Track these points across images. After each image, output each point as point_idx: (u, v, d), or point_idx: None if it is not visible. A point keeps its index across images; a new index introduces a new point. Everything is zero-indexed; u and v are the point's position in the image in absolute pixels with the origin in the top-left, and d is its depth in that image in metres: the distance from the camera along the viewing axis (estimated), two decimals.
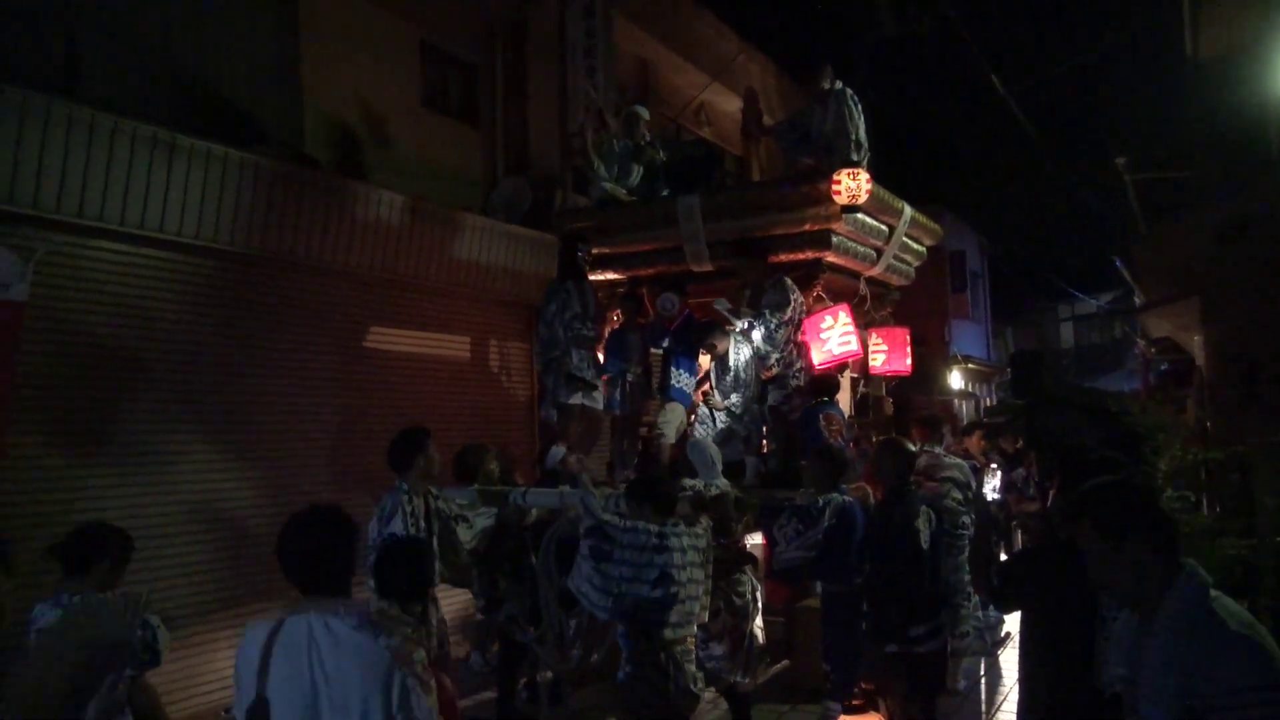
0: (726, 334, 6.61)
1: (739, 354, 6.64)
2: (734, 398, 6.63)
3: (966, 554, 5.82)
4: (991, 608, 6.66)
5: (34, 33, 5.69)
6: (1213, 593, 2.17)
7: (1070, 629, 3.05)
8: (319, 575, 2.43)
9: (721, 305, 6.42)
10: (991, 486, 6.96)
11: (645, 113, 7.78)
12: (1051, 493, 3.57)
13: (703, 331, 6.72)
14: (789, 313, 6.30)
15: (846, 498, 5.12)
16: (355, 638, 2.32)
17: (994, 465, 7.44)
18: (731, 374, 6.62)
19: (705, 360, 6.90)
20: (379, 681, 2.30)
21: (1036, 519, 5.66)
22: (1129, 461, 3.51)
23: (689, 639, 4.23)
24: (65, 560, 3.59)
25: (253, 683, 2.33)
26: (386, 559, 3.54)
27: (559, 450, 6.46)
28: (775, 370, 6.41)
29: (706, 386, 6.96)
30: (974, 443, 8.17)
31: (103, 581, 3.56)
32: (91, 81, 5.86)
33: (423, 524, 4.62)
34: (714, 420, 6.71)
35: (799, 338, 6.51)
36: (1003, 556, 6.76)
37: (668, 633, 4.08)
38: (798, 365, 6.49)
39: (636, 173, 7.50)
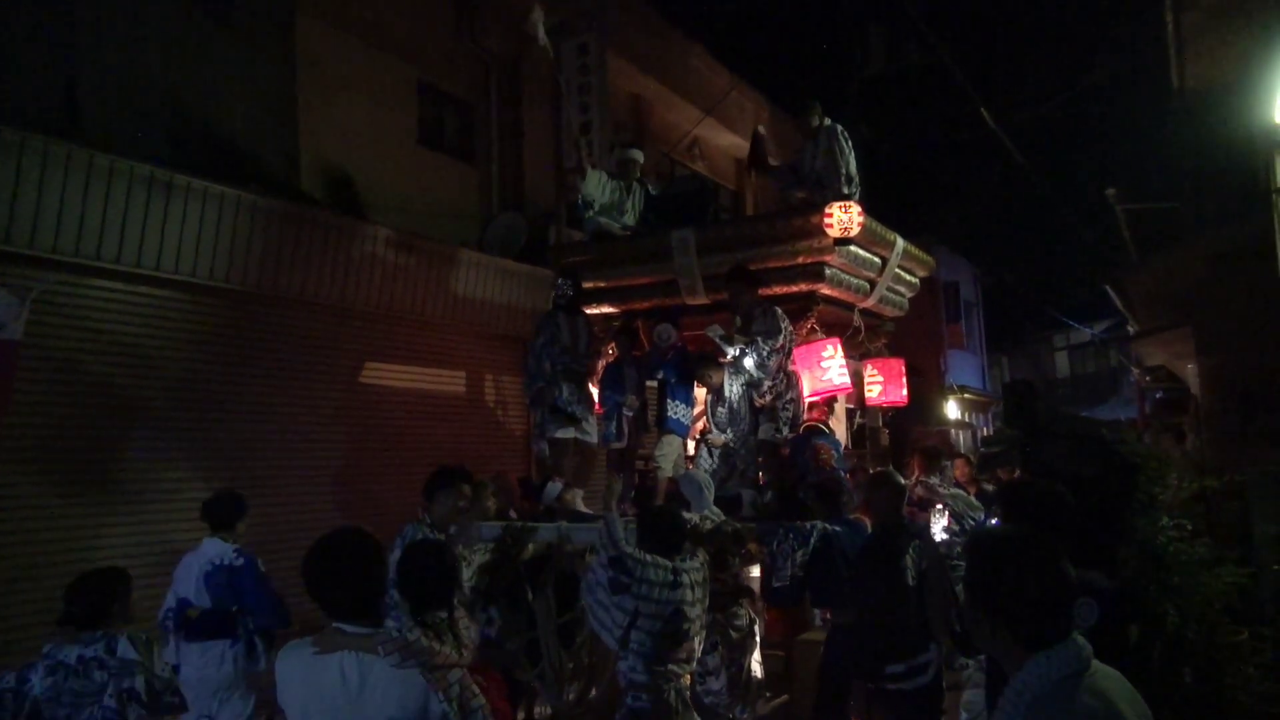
0: (720, 366, 6.62)
1: (733, 388, 6.64)
2: (730, 432, 6.63)
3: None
4: None
5: (33, 74, 5.76)
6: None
7: None
8: (347, 599, 2.40)
9: (714, 332, 6.43)
10: (939, 525, 6.85)
11: (640, 156, 7.82)
12: None
13: (696, 365, 6.73)
14: (780, 340, 6.31)
15: (833, 527, 5.11)
16: (388, 671, 2.33)
17: (939, 505, 7.34)
18: (726, 407, 6.62)
19: (702, 394, 6.90)
20: (417, 712, 2.31)
21: None
22: (1096, 498, 3.49)
23: (688, 676, 4.20)
24: (75, 612, 3.55)
25: None
26: (410, 561, 3.36)
27: (555, 486, 6.44)
28: (767, 399, 6.41)
29: (704, 424, 6.95)
30: (959, 471, 8.15)
31: (121, 621, 3.55)
32: (90, 121, 5.92)
33: None
34: (711, 456, 6.70)
35: (789, 367, 6.51)
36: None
37: (674, 669, 4.06)
38: (788, 396, 6.48)
39: (631, 212, 7.53)
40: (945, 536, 6.77)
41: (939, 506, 6.83)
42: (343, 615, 2.39)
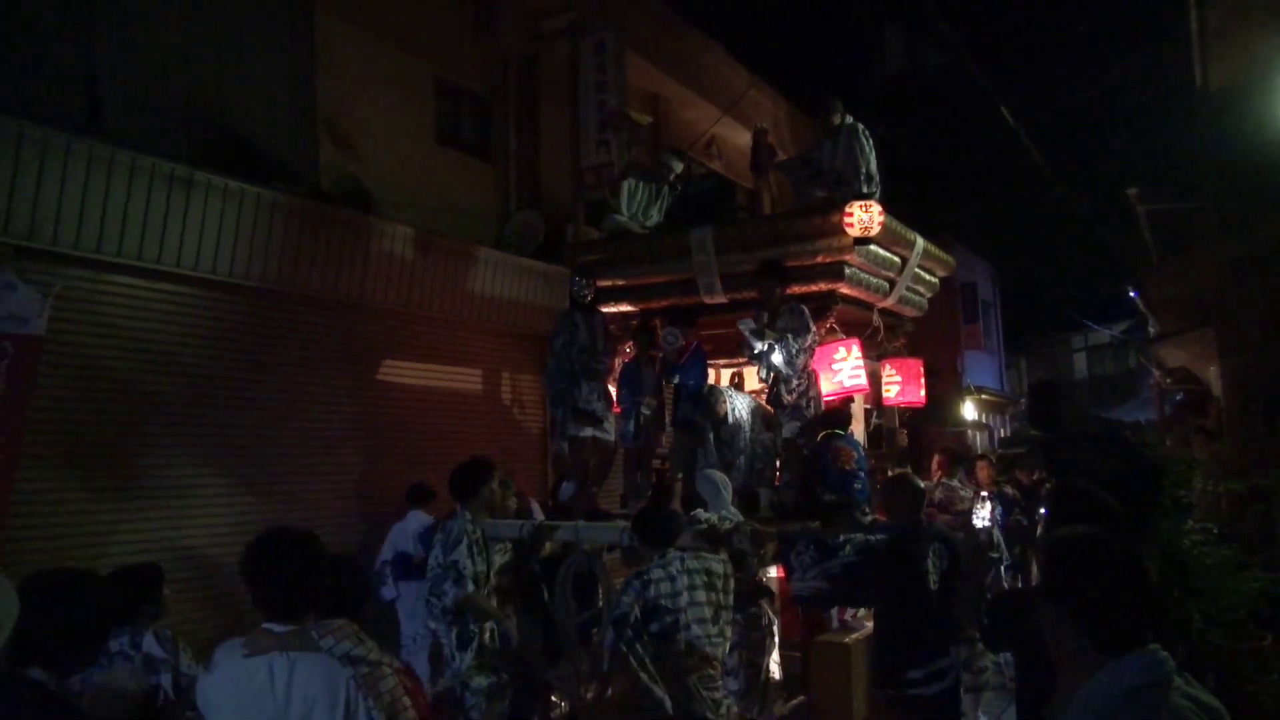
0: (721, 396, 6.59)
1: (736, 405, 6.62)
2: (737, 443, 6.60)
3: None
4: None
5: (56, 71, 5.79)
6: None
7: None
8: (286, 598, 2.34)
9: (746, 325, 6.38)
10: (981, 517, 6.88)
11: (680, 166, 7.78)
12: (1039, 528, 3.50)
13: (699, 400, 6.70)
14: (808, 339, 6.29)
15: (874, 536, 5.05)
16: (317, 669, 2.26)
17: (984, 494, 7.39)
18: (732, 422, 6.59)
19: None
20: (345, 712, 2.24)
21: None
22: (1120, 501, 3.43)
23: (709, 665, 4.13)
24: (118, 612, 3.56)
25: None
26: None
27: (570, 486, 6.44)
28: (793, 396, 6.37)
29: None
30: (982, 473, 8.11)
31: (154, 618, 3.58)
32: (111, 119, 5.95)
33: (481, 554, 4.65)
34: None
35: (811, 366, 6.49)
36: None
37: (676, 663, 4.02)
38: (810, 394, 6.45)
39: (656, 214, 7.53)
40: (987, 524, 6.79)
41: (984, 495, 6.84)
42: (277, 614, 2.33)
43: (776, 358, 6.28)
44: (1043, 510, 6.73)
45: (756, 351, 6.35)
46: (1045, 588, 1.93)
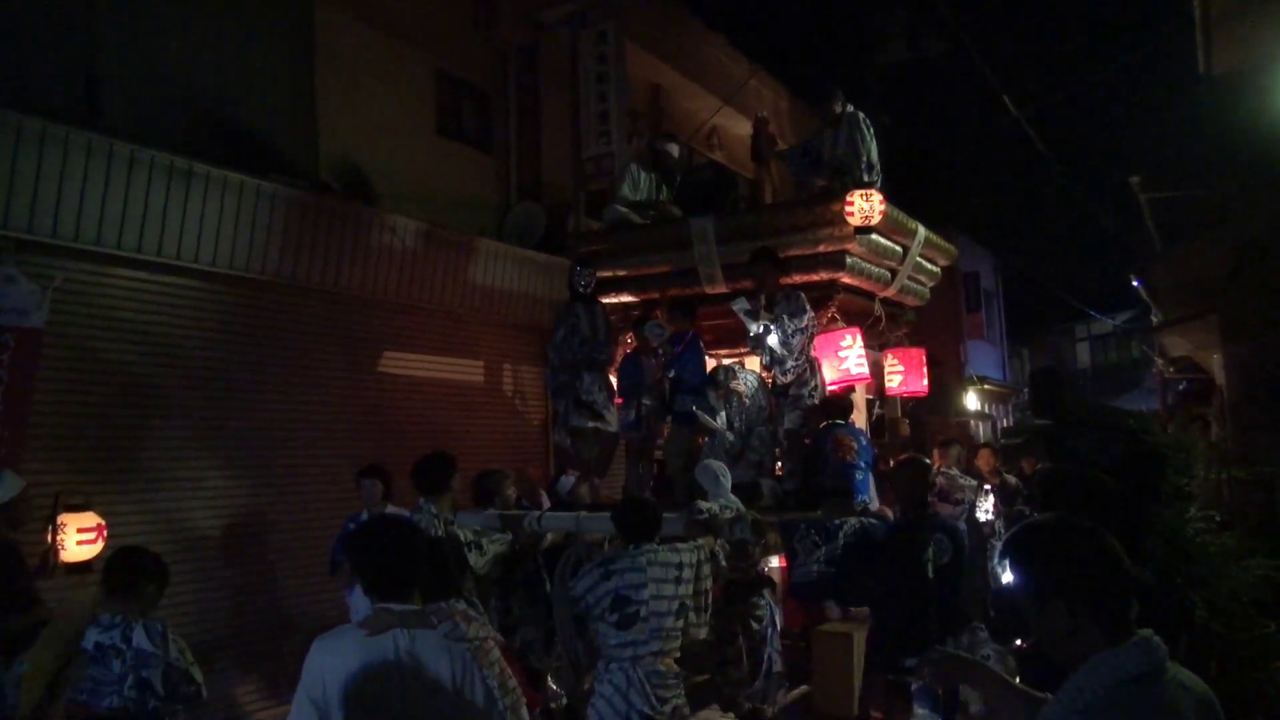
0: (736, 373, 6.57)
1: (746, 381, 6.60)
2: (741, 420, 6.59)
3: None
4: None
5: (54, 63, 5.77)
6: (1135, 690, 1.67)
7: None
8: (398, 578, 2.52)
9: (740, 305, 6.36)
10: (984, 509, 6.87)
11: (676, 150, 7.75)
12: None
13: (717, 371, 6.68)
14: (804, 321, 6.26)
15: (869, 520, 5.05)
16: (439, 644, 2.42)
17: (986, 487, 7.36)
18: (738, 399, 6.58)
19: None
20: (465, 681, 2.41)
21: None
22: (1116, 485, 3.41)
23: (662, 659, 4.10)
24: (109, 581, 3.56)
25: (341, 710, 2.36)
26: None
27: (569, 479, 6.43)
28: (789, 378, 6.34)
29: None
30: (984, 461, 8.10)
31: (145, 606, 3.57)
32: (110, 111, 5.93)
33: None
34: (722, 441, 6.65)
35: (812, 353, 6.46)
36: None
37: (625, 652, 4.02)
38: (812, 383, 6.43)
39: (660, 193, 7.53)
40: (989, 517, 6.79)
41: (986, 488, 6.83)
42: (390, 592, 2.49)
43: (772, 339, 6.26)
44: None
45: (753, 333, 6.33)
46: (1030, 583, 1.87)
